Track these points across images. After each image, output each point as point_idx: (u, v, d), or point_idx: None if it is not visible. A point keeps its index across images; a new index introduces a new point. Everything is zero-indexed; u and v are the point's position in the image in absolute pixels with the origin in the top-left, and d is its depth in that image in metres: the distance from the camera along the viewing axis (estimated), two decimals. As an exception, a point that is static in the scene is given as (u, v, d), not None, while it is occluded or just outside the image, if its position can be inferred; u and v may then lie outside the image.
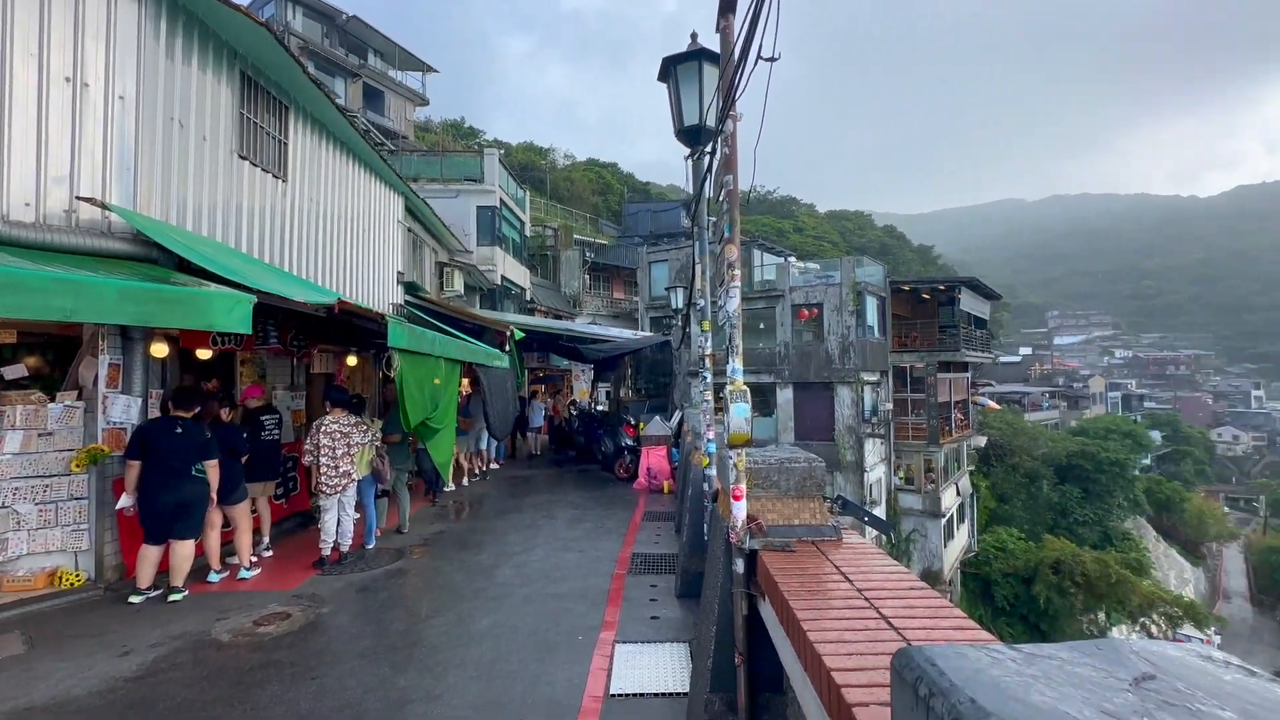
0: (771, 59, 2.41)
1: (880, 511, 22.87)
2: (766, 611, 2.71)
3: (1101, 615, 28.88)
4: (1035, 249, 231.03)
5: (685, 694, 3.98)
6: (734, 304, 3.08)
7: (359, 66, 34.20)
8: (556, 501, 10.33)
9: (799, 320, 22.91)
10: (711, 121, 4.24)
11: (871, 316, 22.93)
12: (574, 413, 17.24)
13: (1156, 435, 56.55)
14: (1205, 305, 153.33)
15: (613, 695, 3.96)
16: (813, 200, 79.61)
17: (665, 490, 11.32)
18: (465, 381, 11.87)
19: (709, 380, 5.34)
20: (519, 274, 23.33)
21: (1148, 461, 51.28)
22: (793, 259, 30.69)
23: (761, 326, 23.89)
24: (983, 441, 35.64)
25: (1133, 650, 0.90)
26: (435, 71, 41.00)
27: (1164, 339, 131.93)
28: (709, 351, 4.38)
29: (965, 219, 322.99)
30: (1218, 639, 35.35)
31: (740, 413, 2.89)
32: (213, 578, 6.13)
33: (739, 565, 2.92)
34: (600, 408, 19.79)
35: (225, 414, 6.51)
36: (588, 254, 32.94)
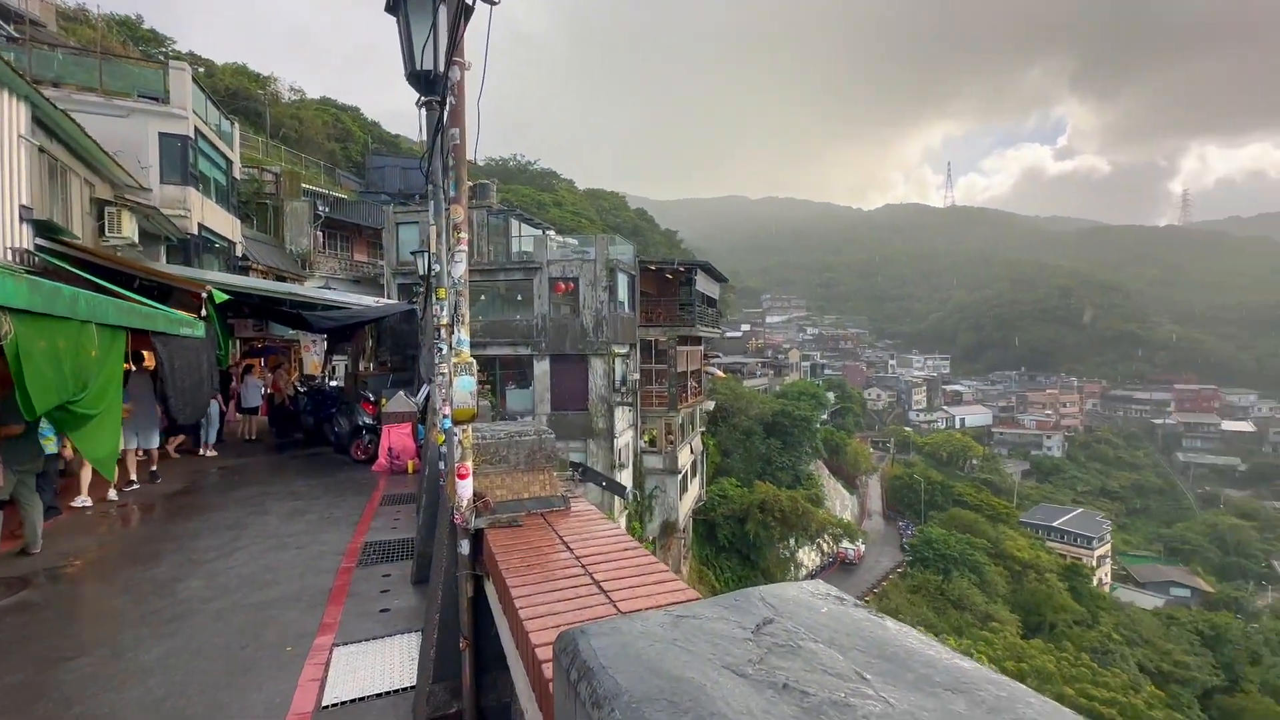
0: (491, 1, 2.22)
1: (628, 473, 24.85)
2: (491, 591, 2.63)
3: (793, 541, 35.92)
4: (754, 240, 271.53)
5: (414, 688, 3.73)
6: (460, 269, 2.85)
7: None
8: (272, 493, 8.87)
9: (556, 293, 23.28)
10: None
11: (623, 292, 24.41)
12: (301, 389, 15.01)
13: (831, 395, 71.72)
14: (865, 295, 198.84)
15: (326, 707, 3.51)
16: (573, 177, 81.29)
17: (410, 470, 10.56)
18: (148, 356, 9.41)
19: (445, 352, 5.01)
20: (224, 224, 19.24)
21: (825, 416, 64.76)
22: (552, 233, 31.01)
23: (520, 298, 23.70)
24: (712, 405, 40.92)
25: (760, 597, 0.98)
26: (90, -57, 31.00)
27: (838, 320, 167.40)
28: (444, 321, 4.08)
29: (703, 209, 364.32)
30: (863, 547, 46.93)
31: (465, 386, 2.72)
32: None
33: (464, 546, 2.77)
34: (335, 383, 17.58)
35: None
36: (321, 207, 28.68)
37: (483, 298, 24.23)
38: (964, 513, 51.89)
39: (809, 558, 42.46)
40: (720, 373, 51.65)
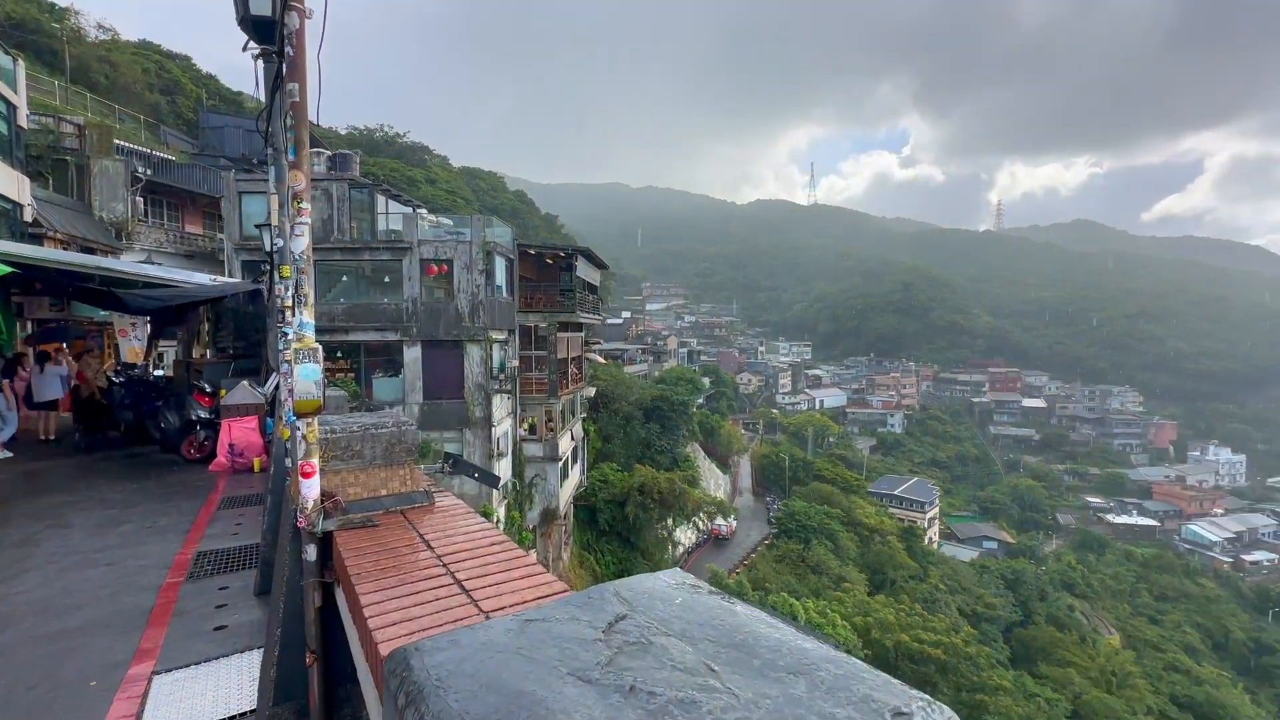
0: (331, -60, 1.97)
1: (507, 462, 24.29)
2: (342, 599, 2.40)
3: (671, 521, 37.25)
4: (635, 228, 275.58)
5: (255, 711, 3.34)
6: (303, 244, 2.55)
7: None
8: (77, 502, 7.56)
9: (428, 276, 22.02)
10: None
11: (501, 277, 23.63)
12: (115, 379, 12.91)
13: (707, 381, 75.03)
14: (738, 285, 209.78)
15: (142, 746, 3.05)
16: (448, 153, 76.97)
17: (256, 469, 9.50)
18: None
19: (288, 337, 4.50)
20: (5, 181, 15.95)
21: (701, 400, 67.67)
22: (424, 211, 29.18)
23: (387, 280, 22.13)
24: (593, 392, 41.09)
25: (615, 592, 0.95)
26: None
27: (714, 309, 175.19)
28: (288, 302, 3.64)
29: (585, 195, 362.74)
30: (735, 522, 49.88)
31: (308, 375, 2.44)
32: None
33: (310, 552, 2.51)
34: (161, 372, 15.32)
35: None
36: (141, 169, 24.67)
37: (345, 279, 22.33)
38: (822, 486, 56.84)
39: (686, 536, 44.33)
40: (601, 359, 51.98)
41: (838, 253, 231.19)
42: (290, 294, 2.62)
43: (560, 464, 26.72)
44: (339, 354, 21.76)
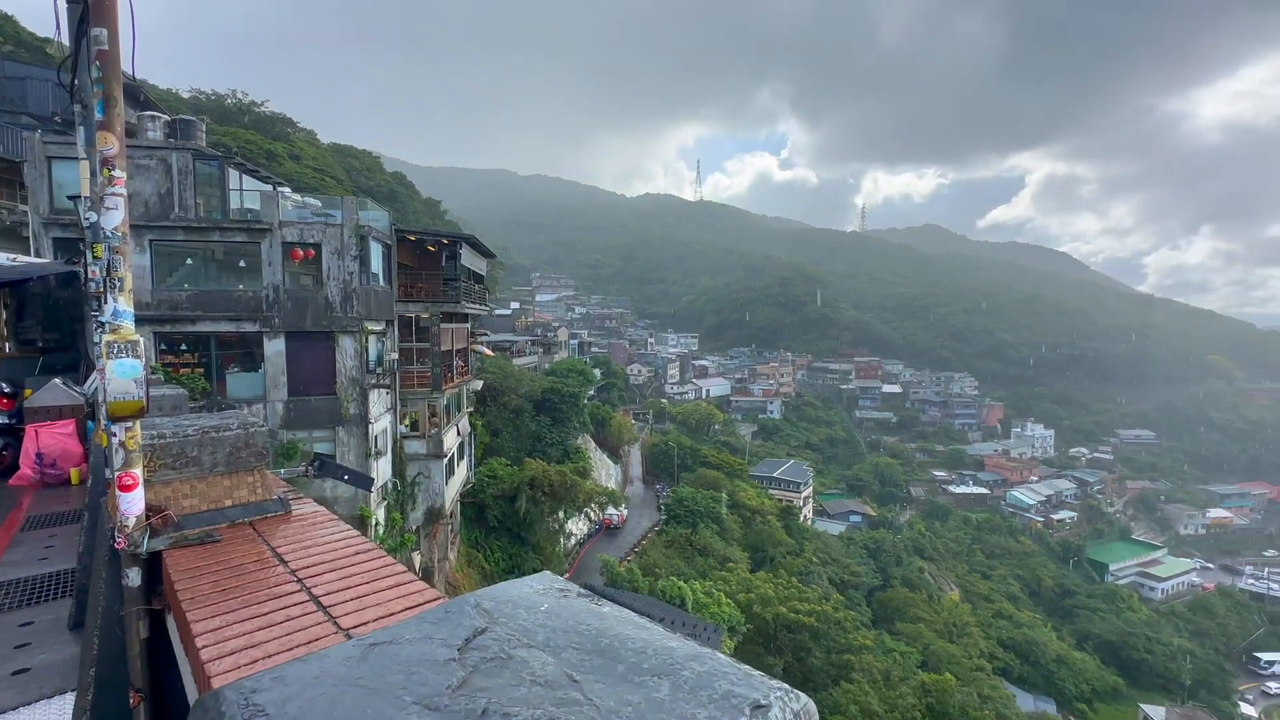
0: None
1: (387, 461, 22.87)
2: (174, 628, 2.10)
3: (562, 513, 37.06)
4: (524, 217, 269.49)
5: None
6: (116, 219, 2.17)
7: None
8: None
9: (293, 261, 20.06)
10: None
11: (377, 263, 22.06)
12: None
13: (598, 372, 75.29)
14: (628, 277, 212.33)
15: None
16: (314, 127, 70.35)
17: (74, 481, 8.17)
18: None
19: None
20: None
21: (592, 392, 67.83)
22: (286, 189, 26.47)
23: (243, 265, 19.88)
24: (480, 385, 39.79)
25: (475, 604, 0.88)
26: None
27: (604, 300, 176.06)
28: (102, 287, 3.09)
29: (470, 181, 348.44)
30: (626, 511, 50.69)
31: (125, 372, 2.09)
32: None
33: (132, 576, 2.17)
34: (-60, 370, 12.67)
35: None
36: (-94, 121, 20.15)
37: (189, 261, 19.80)
38: (708, 472, 59.27)
39: (578, 527, 44.35)
40: (488, 351, 50.41)
41: (723, 248, 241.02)
42: (103, 277, 2.23)
43: (445, 461, 25.61)
44: (184, 347, 19.29)
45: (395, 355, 23.26)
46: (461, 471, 29.36)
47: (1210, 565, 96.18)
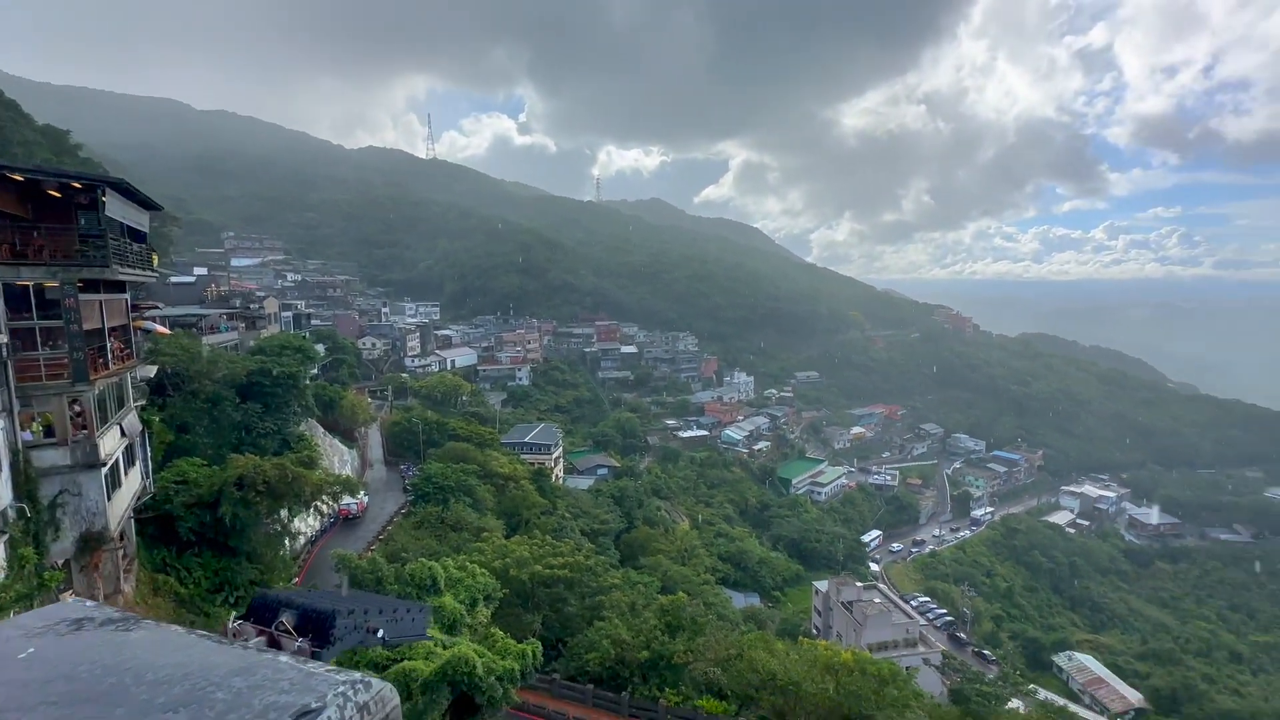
0: None
1: (5, 480, 16.90)
2: None
3: (285, 512, 32.22)
4: (207, 163, 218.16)
5: None
6: None
7: None
8: None
9: None
10: None
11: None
12: None
13: (321, 348, 66.28)
14: (353, 240, 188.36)
15: None
16: None
17: None
18: None
19: None
20: None
21: (316, 371, 59.62)
22: None
23: None
24: (153, 371, 31.91)
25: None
26: None
27: (324, 265, 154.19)
28: None
29: (121, 109, 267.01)
30: (366, 498, 46.39)
31: None
32: None
33: None
34: None
35: None
36: None
37: None
38: (458, 445, 57.42)
39: (307, 524, 39.22)
40: (162, 329, 40.45)
41: (461, 211, 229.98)
42: None
43: (105, 471, 19.99)
44: None
45: (5, 338, 17.11)
46: (133, 481, 23.35)
47: (853, 469, 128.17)
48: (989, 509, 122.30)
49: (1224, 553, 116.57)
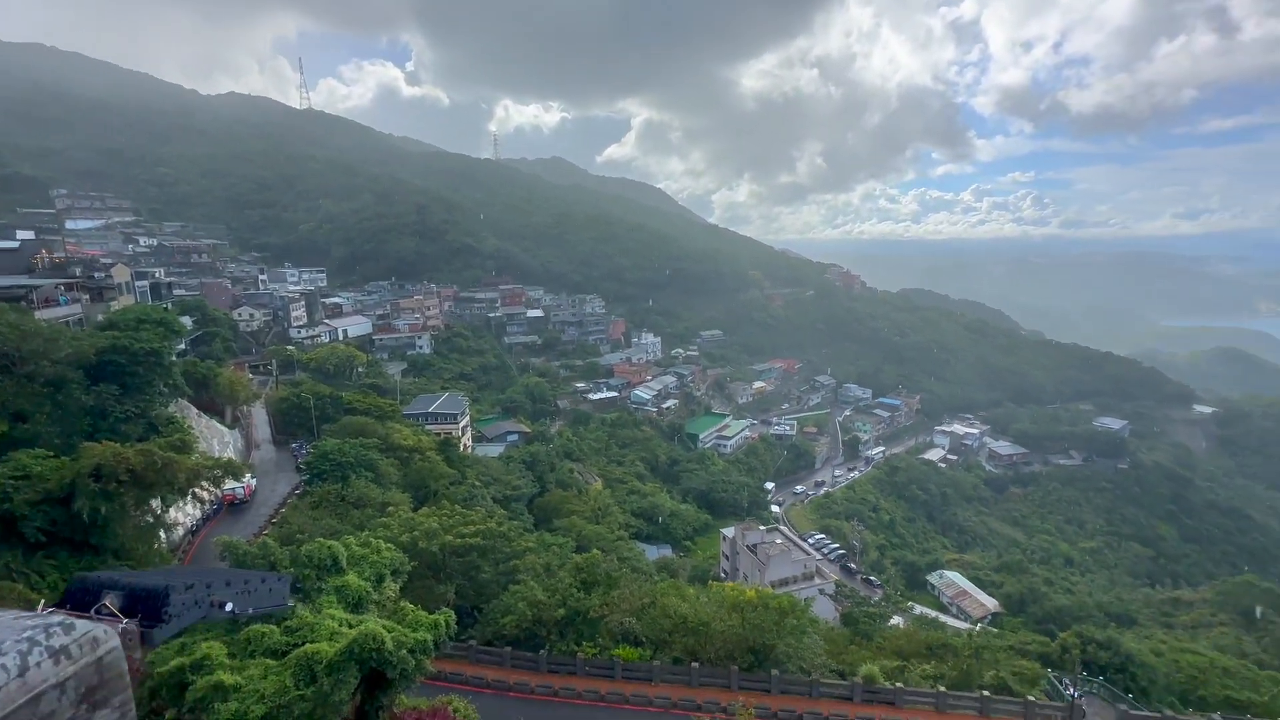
0: None
1: None
2: None
3: (157, 502, 29.30)
4: (31, 108, 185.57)
5: None
6: None
7: None
8: None
9: None
10: None
11: None
12: None
13: (188, 320, 59.63)
14: (219, 199, 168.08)
15: None
16: None
17: None
18: None
19: None
20: None
21: (183, 346, 53.76)
22: None
23: None
24: (-27, 353, 27.60)
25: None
26: None
27: (185, 228, 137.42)
28: None
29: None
30: (253, 481, 43.09)
31: None
32: None
33: None
34: None
35: None
36: None
37: None
38: (355, 419, 54.38)
39: (185, 513, 36.00)
40: (-17, 303, 34.59)
41: (345, 168, 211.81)
42: None
43: (-82, 470, 17.12)
44: None
45: None
46: (-42, 480, 20.22)
47: (755, 421, 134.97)
48: (879, 448, 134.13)
49: (1061, 475, 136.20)
